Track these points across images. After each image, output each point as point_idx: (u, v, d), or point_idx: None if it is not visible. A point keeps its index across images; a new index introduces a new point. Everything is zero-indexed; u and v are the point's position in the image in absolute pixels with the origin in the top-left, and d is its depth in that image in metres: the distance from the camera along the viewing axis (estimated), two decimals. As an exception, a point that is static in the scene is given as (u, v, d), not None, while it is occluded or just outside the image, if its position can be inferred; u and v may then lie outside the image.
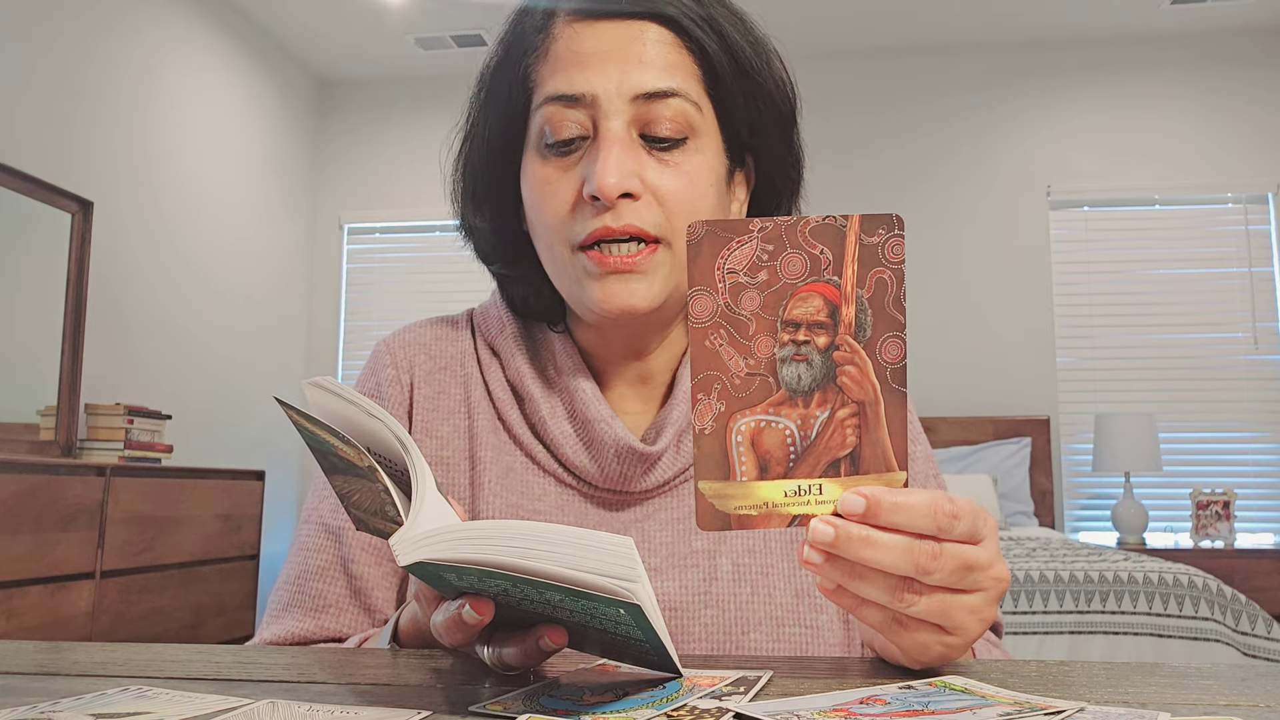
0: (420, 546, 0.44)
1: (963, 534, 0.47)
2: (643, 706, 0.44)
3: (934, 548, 0.46)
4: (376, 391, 0.80)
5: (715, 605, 0.71)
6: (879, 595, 0.47)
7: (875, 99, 4.58)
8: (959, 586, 0.47)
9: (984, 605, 0.49)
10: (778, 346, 0.47)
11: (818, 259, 0.47)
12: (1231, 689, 0.47)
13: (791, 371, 0.47)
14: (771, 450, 0.48)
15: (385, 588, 0.76)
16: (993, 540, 0.49)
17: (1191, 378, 4.24)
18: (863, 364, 0.47)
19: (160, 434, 3.35)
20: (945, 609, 0.48)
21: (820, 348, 0.47)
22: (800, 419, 0.48)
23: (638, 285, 0.69)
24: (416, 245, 4.82)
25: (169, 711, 0.43)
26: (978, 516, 0.47)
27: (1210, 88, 4.35)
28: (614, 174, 0.67)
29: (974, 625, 0.49)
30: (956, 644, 0.50)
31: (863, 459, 0.48)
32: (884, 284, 0.47)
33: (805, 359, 0.47)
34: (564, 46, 0.71)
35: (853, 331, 0.47)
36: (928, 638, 0.49)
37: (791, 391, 0.48)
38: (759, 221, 0.47)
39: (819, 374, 0.47)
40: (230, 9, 4.21)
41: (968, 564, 0.47)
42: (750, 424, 0.48)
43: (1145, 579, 2.37)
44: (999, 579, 0.49)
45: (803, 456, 0.48)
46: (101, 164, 3.43)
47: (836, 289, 0.47)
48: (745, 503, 0.48)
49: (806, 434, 0.48)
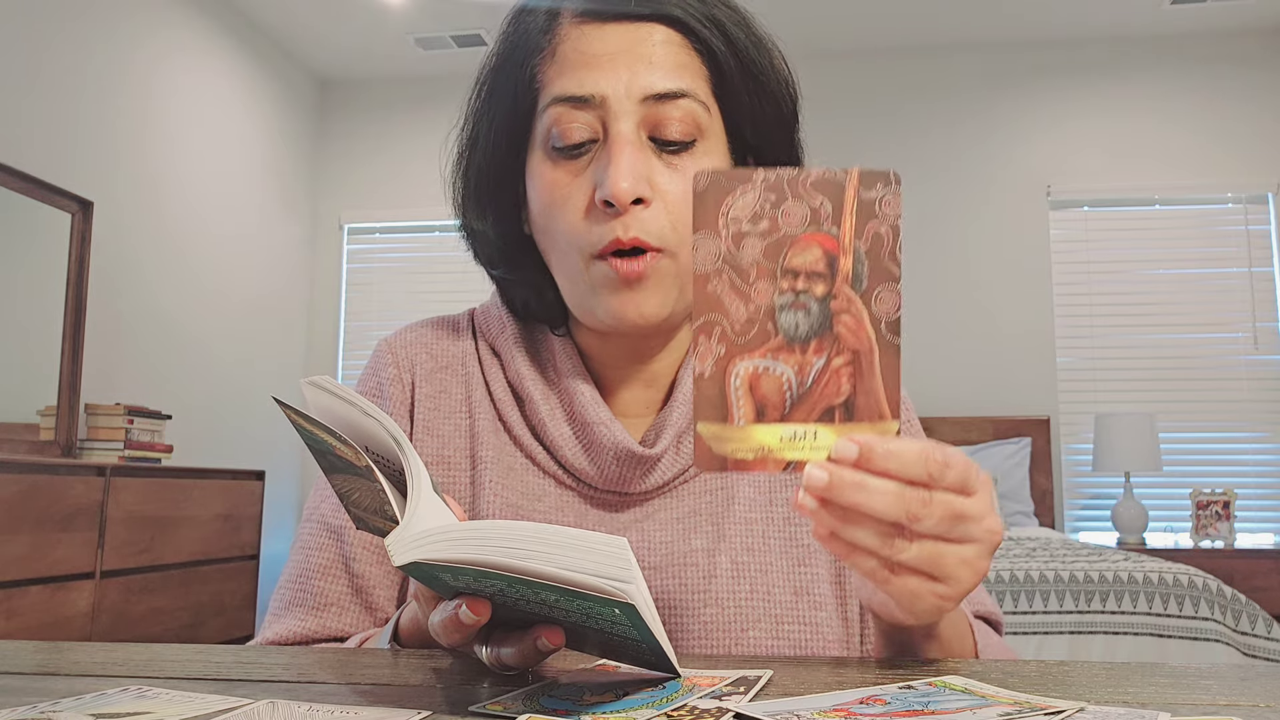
0: (415, 547, 0.44)
1: (953, 483, 0.48)
2: (643, 706, 0.44)
3: (925, 495, 0.47)
4: (378, 390, 0.80)
5: (715, 603, 0.71)
6: (870, 541, 0.48)
7: (875, 99, 4.57)
8: (950, 536, 0.48)
9: (976, 557, 0.49)
10: (777, 294, 0.49)
11: (817, 210, 0.49)
12: (1231, 689, 0.47)
13: (790, 318, 0.49)
14: (768, 395, 0.49)
15: (387, 586, 0.76)
16: (985, 494, 0.49)
17: (1191, 378, 4.23)
18: (858, 314, 0.48)
19: (160, 434, 3.35)
20: (936, 557, 0.48)
21: (818, 296, 0.49)
22: (797, 365, 0.49)
23: (649, 297, 0.70)
24: (416, 245, 4.82)
25: (169, 711, 0.43)
26: (970, 468, 0.48)
27: (1210, 88, 4.35)
28: (626, 178, 0.66)
29: (967, 576, 0.50)
30: (949, 594, 0.50)
31: (857, 406, 0.49)
32: (880, 238, 0.48)
33: (804, 307, 0.49)
34: (571, 48, 0.71)
35: (849, 282, 0.48)
36: (919, 585, 0.49)
37: (789, 338, 0.49)
38: (762, 172, 0.49)
39: (816, 322, 0.49)
40: (230, 9, 4.21)
41: (958, 513, 0.48)
42: (749, 368, 0.49)
43: (1145, 579, 2.37)
44: (991, 531, 0.49)
45: (798, 402, 0.49)
46: (101, 164, 3.43)
47: (835, 240, 0.48)
48: (742, 445, 0.49)
49: (803, 380, 0.49)
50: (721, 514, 0.75)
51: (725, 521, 0.75)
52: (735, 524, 0.75)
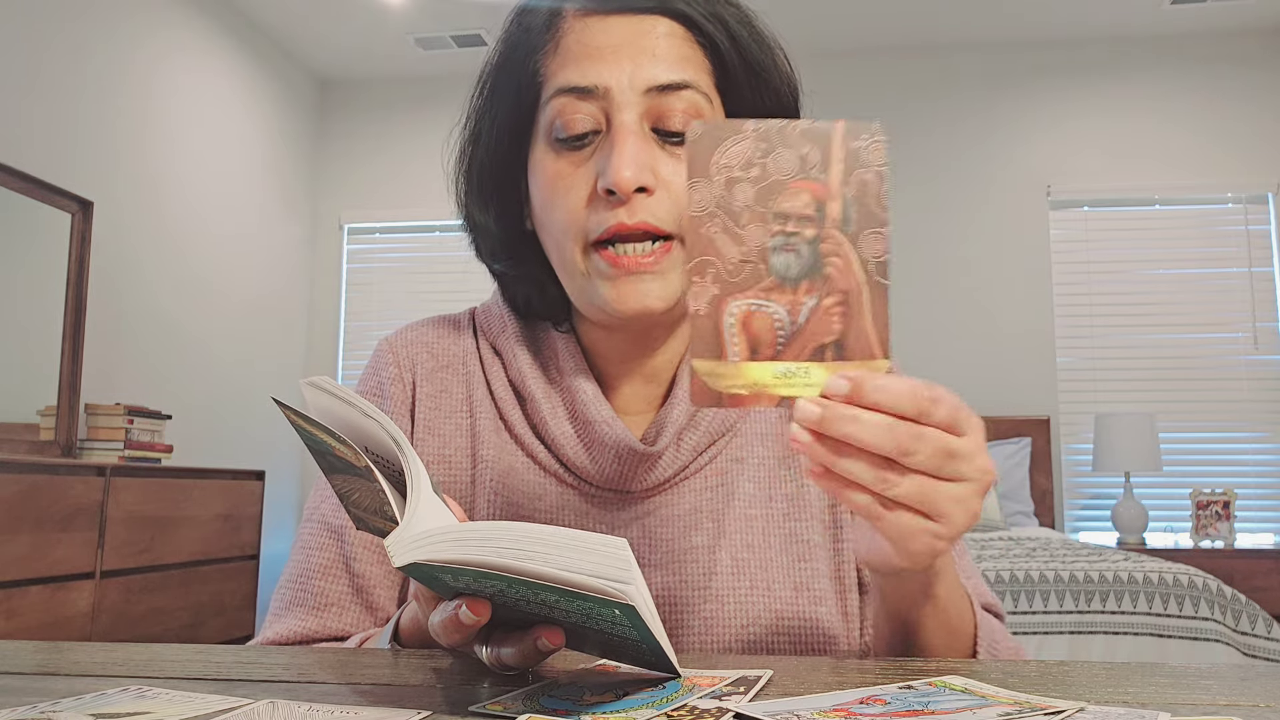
0: (414, 548, 0.44)
1: (943, 419, 0.48)
2: (643, 706, 0.44)
3: (915, 429, 0.48)
4: (379, 390, 0.80)
5: (715, 600, 0.71)
6: (864, 474, 0.48)
7: (875, 99, 4.57)
8: (941, 473, 0.49)
9: (969, 495, 0.50)
10: (769, 237, 0.50)
11: (806, 158, 0.50)
12: (1231, 689, 0.47)
13: (781, 260, 0.50)
14: (761, 333, 0.50)
15: (387, 586, 0.76)
16: (976, 435, 0.50)
17: (1191, 378, 4.23)
18: (846, 255, 0.50)
19: (160, 434, 3.35)
20: (929, 492, 0.49)
21: (808, 239, 0.50)
22: (789, 304, 0.50)
23: (652, 285, 0.69)
24: (416, 245, 4.82)
25: (169, 711, 0.43)
26: (959, 408, 0.49)
27: (1210, 88, 4.35)
28: (629, 167, 0.67)
29: (959, 514, 0.50)
30: (942, 533, 0.50)
31: (847, 345, 0.50)
32: (866, 184, 0.50)
33: (794, 249, 0.50)
34: (575, 40, 0.71)
35: (838, 225, 0.50)
36: (912, 521, 0.50)
37: (781, 279, 0.50)
38: (753, 122, 0.51)
39: (807, 263, 0.50)
40: (230, 9, 4.21)
41: (949, 450, 0.48)
42: (742, 307, 0.50)
43: (1145, 579, 2.37)
44: (983, 470, 0.50)
45: (791, 340, 0.50)
46: (101, 164, 3.43)
47: (823, 185, 0.50)
48: (736, 382, 0.50)
49: (795, 319, 0.50)
50: (722, 510, 0.75)
51: (725, 518, 0.75)
52: (735, 520, 0.75)
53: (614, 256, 0.69)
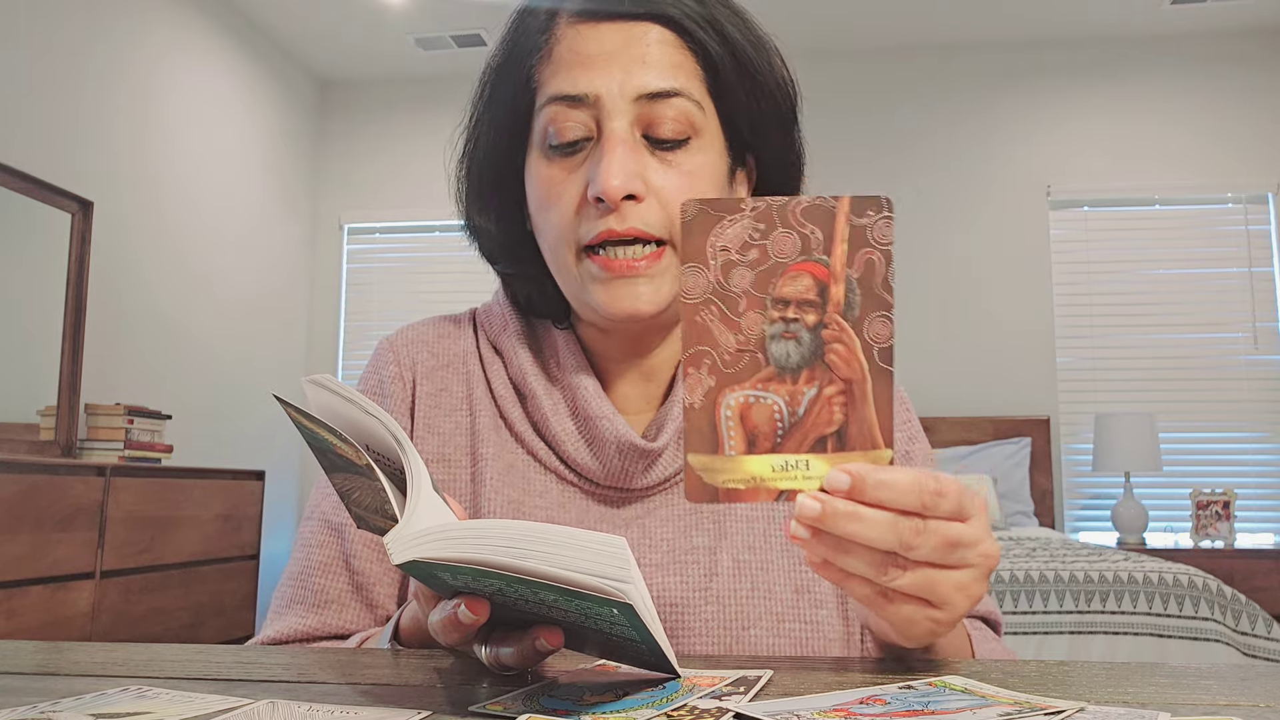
0: (413, 546, 0.44)
1: (948, 511, 0.47)
2: (643, 706, 0.44)
3: (918, 524, 0.47)
4: (379, 388, 0.81)
5: (716, 601, 0.71)
6: (864, 569, 0.48)
7: (875, 99, 4.57)
8: (945, 562, 0.48)
9: (971, 582, 0.49)
10: (767, 323, 0.48)
11: (808, 238, 0.48)
12: (1231, 689, 0.47)
13: (781, 348, 0.48)
14: (759, 425, 0.48)
15: (387, 584, 0.76)
16: (981, 519, 0.49)
17: (1191, 378, 4.23)
18: (850, 342, 0.48)
19: (160, 434, 3.35)
20: (931, 584, 0.48)
21: (809, 325, 0.48)
22: (788, 395, 0.48)
23: (643, 289, 0.70)
24: (416, 245, 4.82)
25: (169, 711, 0.43)
26: (964, 494, 0.48)
27: (1210, 88, 4.35)
28: (618, 175, 0.67)
29: (961, 601, 0.49)
30: (943, 619, 0.50)
31: (849, 436, 0.48)
32: (872, 264, 0.48)
33: (794, 336, 0.48)
34: (566, 48, 0.71)
35: (841, 310, 0.48)
36: (914, 612, 0.49)
37: (780, 368, 0.48)
38: (751, 201, 0.48)
39: (808, 351, 0.48)
40: (230, 9, 4.21)
41: (953, 540, 0.48)
42: (739, 399, 0.48)
43: (1145, 579, 2.37)
44: (987, 555, 0.49)
45: (790, 432, 0.48)
46: (101, 164, 3.43)
47: (826, 268, 0.48)
48: (733, 476, 0.48)
49: (794, 410, 0.48)
50: (723, 511, 0.75)
51: (727, 519, 0.75)
52: (737, 521, 0.75)
53: (606, 260, 0.69)
